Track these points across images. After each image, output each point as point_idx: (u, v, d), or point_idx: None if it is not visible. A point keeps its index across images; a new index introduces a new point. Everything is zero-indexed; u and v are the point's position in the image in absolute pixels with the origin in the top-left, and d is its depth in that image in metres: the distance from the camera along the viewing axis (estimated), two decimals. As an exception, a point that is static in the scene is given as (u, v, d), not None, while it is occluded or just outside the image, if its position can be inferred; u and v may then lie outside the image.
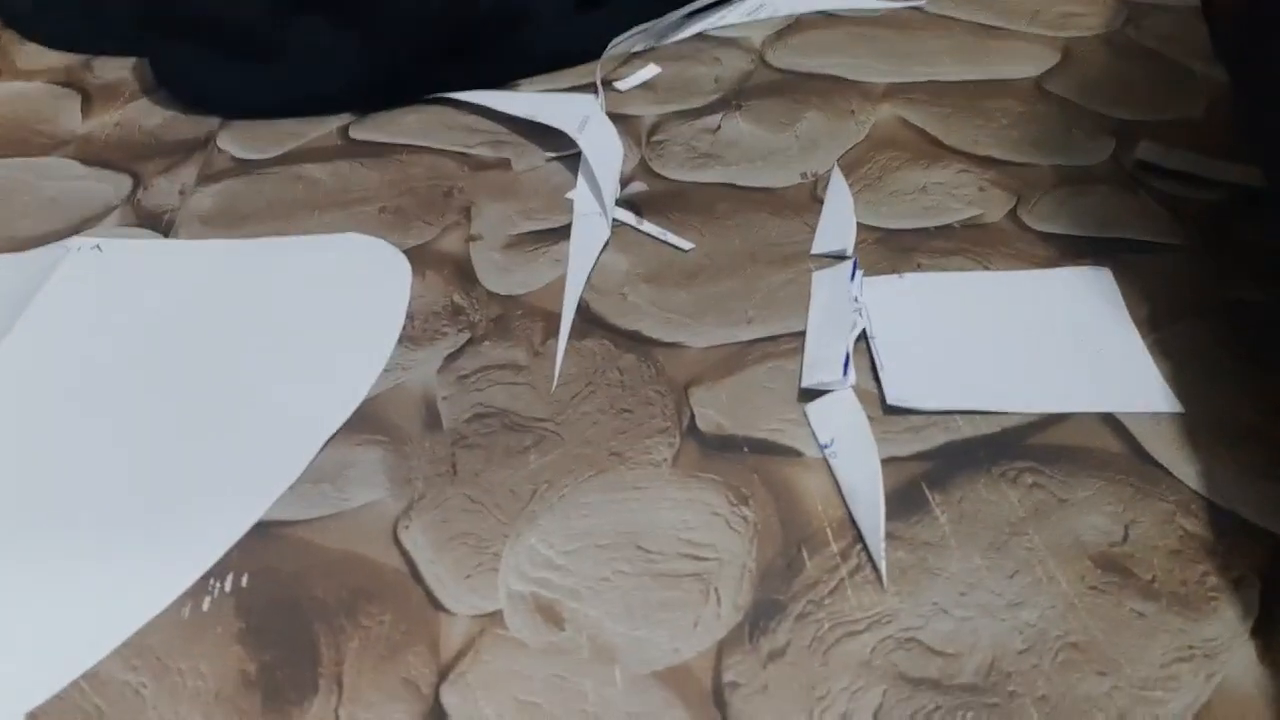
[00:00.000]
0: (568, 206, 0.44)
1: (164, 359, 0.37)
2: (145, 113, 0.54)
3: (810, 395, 0.34)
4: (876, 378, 0.35)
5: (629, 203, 0.44)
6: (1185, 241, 0.41)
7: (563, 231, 0.43)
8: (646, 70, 0.55)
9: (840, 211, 0.43)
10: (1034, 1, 0.60)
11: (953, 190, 0.44)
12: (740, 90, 0.53)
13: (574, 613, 0.28)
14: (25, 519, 0.31)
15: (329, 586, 0.29)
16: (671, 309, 0.39)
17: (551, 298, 0.39)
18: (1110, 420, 0.33)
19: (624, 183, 0.46)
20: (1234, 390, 0.34)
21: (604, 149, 0.46)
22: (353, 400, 0.35)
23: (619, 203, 0.44)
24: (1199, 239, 0.41)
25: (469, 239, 0.43)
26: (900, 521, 0.30)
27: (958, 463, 0.32)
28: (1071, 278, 0.39)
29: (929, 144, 0.47)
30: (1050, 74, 0.53)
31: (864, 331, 0.36)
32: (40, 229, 0.45)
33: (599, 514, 0.31)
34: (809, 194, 0.45)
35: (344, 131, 0.51)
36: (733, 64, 0.55)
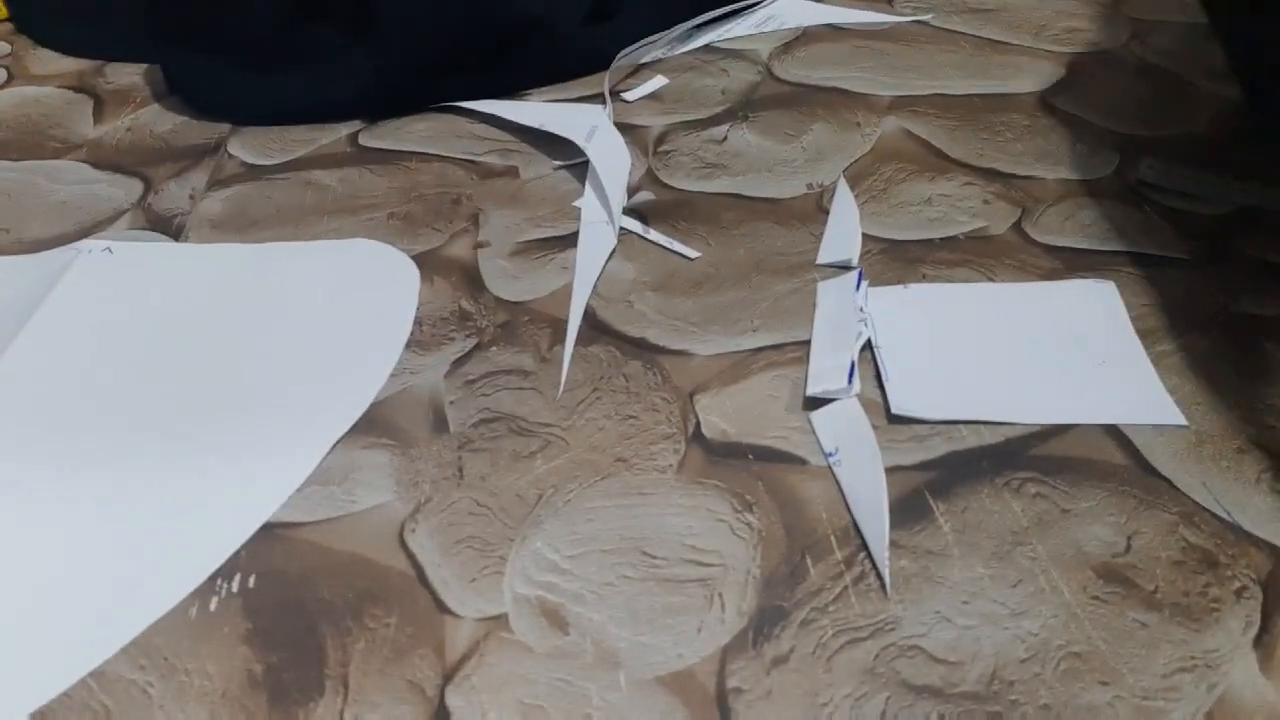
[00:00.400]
0: (575, 214, 0.44)
1: (173, 360, 0.37)
2: (156, 118, 0.54)
3: (815, 404, 0.35)
4: (881, 387, 0.35)
5: (636, 211, 0.45)
6: (1189, 255, 0.41)
7: (570, 239, 0.43)
8: (654, 81, 0.55)
9: (846, 222, 0.43)
10: (1039, 16, 0.61)
11: (958, 202, 0.44)
12: (747, 102, 0.53)
13: (578, 617, 0.29)
14: (34, 518, 0.32)
15: (335, 588, 0.30)
16: (677, 317, 0.39)
17: (558, 304, 0.40)
18: (1113, 432, 0.33)
19: (631, 192, 0.46)
20: (1236, 403, 0.34)
21: (611, 158, 0.47)
22: (361, 404, 0.35)
23: (626, 211, 0.44)
24: (1202, 253, 0.41)
25: (477, 246, 0.43)
26: (904, 530, 0.30)
27: (961, 472, 0.32)
28: (1075, 290, 0.39)
29: (934, 156, 0.48)
30: (1055, 88, 0.53)
31: (869, 341, 0.37)
32: (52, 231, 0.46)
33: (604, 519, 0.31)
34: (815, 204, 0.45)
35: (354, 138, 0.51)
36: (740, 76, 0.56)
